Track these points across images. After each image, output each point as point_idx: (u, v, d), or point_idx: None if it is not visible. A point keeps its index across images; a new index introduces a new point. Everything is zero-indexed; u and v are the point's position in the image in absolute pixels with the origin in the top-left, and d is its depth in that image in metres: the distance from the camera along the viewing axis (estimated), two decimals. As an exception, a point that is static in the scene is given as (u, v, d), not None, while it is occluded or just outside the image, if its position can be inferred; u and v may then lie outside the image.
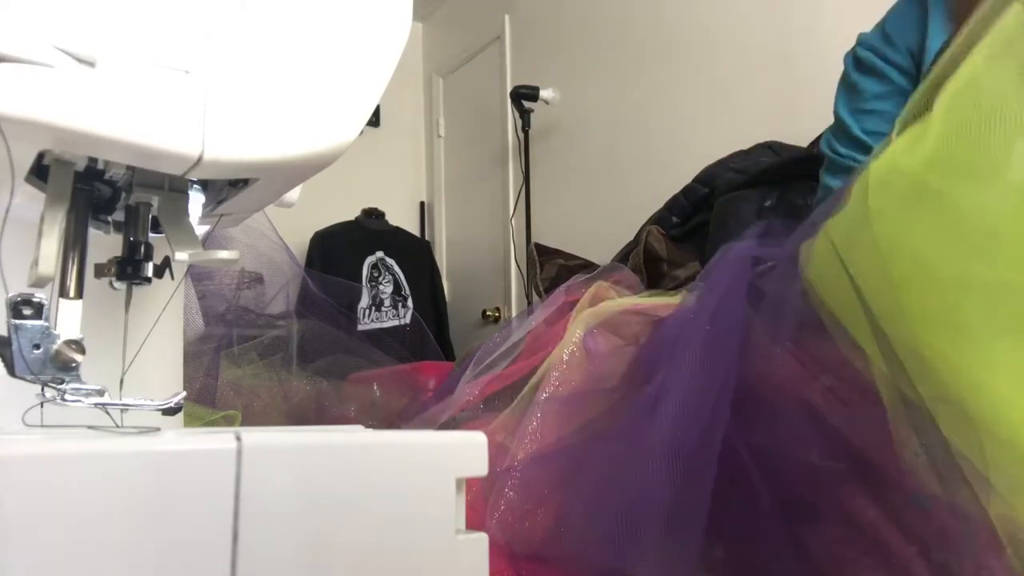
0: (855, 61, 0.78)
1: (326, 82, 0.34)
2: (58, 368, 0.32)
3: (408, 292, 2.90)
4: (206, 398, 0.76)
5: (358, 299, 2.78)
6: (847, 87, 0.79)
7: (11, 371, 0.31)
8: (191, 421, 0.60)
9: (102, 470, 0.24)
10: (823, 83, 0.99)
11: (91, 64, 0.29)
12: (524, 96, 2.60)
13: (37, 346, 0.31)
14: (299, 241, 2.81)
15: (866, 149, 0.74)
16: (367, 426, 0.41)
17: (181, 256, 0.34)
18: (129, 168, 0.34)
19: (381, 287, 2.89)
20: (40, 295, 0.32)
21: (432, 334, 2.79)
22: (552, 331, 0.62)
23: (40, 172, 0.34)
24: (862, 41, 0.78)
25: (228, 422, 0.70)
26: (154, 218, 0.36)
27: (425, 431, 0.34)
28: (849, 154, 0.76)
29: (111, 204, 0.37)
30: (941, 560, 0.35)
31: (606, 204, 2.41)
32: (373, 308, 2.83)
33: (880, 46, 0.75)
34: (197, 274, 0.85)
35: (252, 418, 0.76)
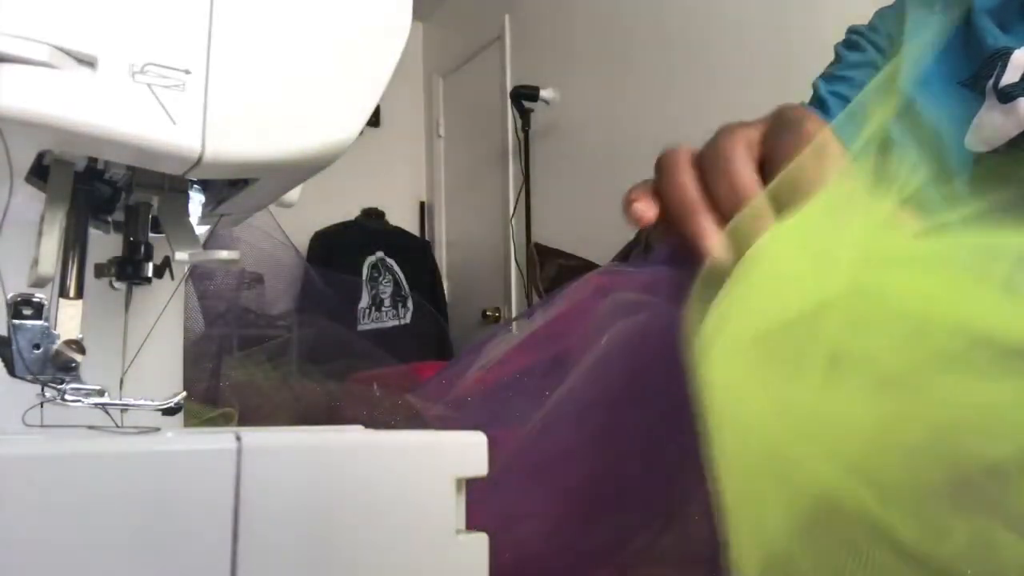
0: (844, 41, 0.83)
1: (326, 82, 0.34)
2: (58, 368, 0.32)
3: (408, 292, 2.90)
4: (209, 399, 0.76)
5: (358, 299, 2.78)
6: (831, 63, 0.83)
7: (11, 371, 0.31)
8: (188, 419, 0.60)
9: (102, 470, 0.24)
10: (823, 83, 0.99)
11: (91, 64, 0.29)
12: (524, 96, 2.60)
13: (37, 346, 0.31)
14: (299, 241, 2.81)
15: (824, 108, 0.78)
16: (367, 426, 0.41)
17: (181, 256, 0.34)
18: (129, 168, 0.34)
19: (381, 287, 2.89)
20: (40, 295, 0.32)
21: (433, 334, 2.79)
22: (579, 315, 0.59)
23: (40, 172, 0.34)
24: (852, 28, 0.83)
25: (225, 419, 0.70)
26: (154, 218, 0.36)
27: (425, 432, 0.34)
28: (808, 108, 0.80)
29: (111, 204, 0.37)
30: None
31: (606, 204, 2.41)
32: (373, 308, 2.84)
33: (865, 30, 0.81)
34: (198, 274, 0.85)
35: (260, 420, 0.76)
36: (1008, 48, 0.64)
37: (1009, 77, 0.63)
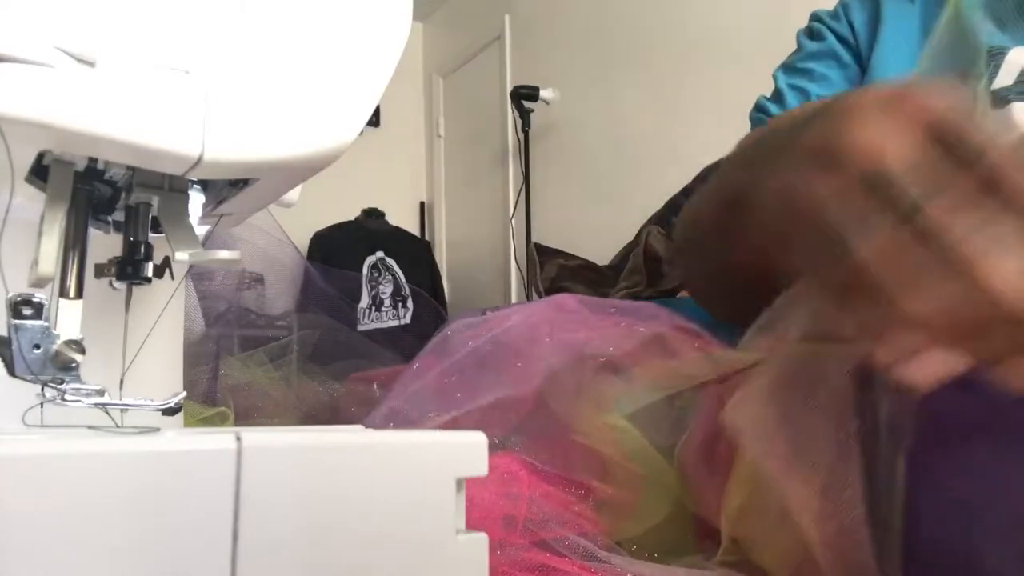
0: (806, 28, 0.80)
1: (326, 82, 0.34)
2: (58, 368, 0.32)
3: (408, 292, 2.90)
4: (209, 399, 0.76)
5: (358, 299, 2.78)
6: (792, 52, 0.80)
7: (11, 371, 0.31)
8: (185, 418, 0.60)
9: (102, 470, 0.24)
10: (823, 83, 0.99)
11: (91, 64, 0.29)
12: (524, 96, 2.61)
13: (37, 346, 0.31)
14: (299, 241, 2.82)
15: (782, 102, 0.75)
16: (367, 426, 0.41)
17: (181, 256, 0.34)
18: (129, 168, 0.34)
19: (381, 287, 2.89)
20: (40, 295, 0.32)
21: (433, 334, 2.79)
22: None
23: (40, 172, 0.34)
24: (815, 14, 0.80)
25: (221, 418, 0.70)
26: (154, 218, 0.36)
27: (425, 432, 0.34)
28: (764, 104, 0.77)
29: (111, 204, 0.37)
30: None
31: (606, 204, 2.41)
32: (373, 308, 2.84)
33: (827, 17, 0.77)
34: (198, 274, 0.85)
35: (258, 419, 0.76)
36: (1003, 47, 0.60)
37: (1003, 79, 0.59)
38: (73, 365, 0.32)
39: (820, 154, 0.32)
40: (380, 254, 2.97)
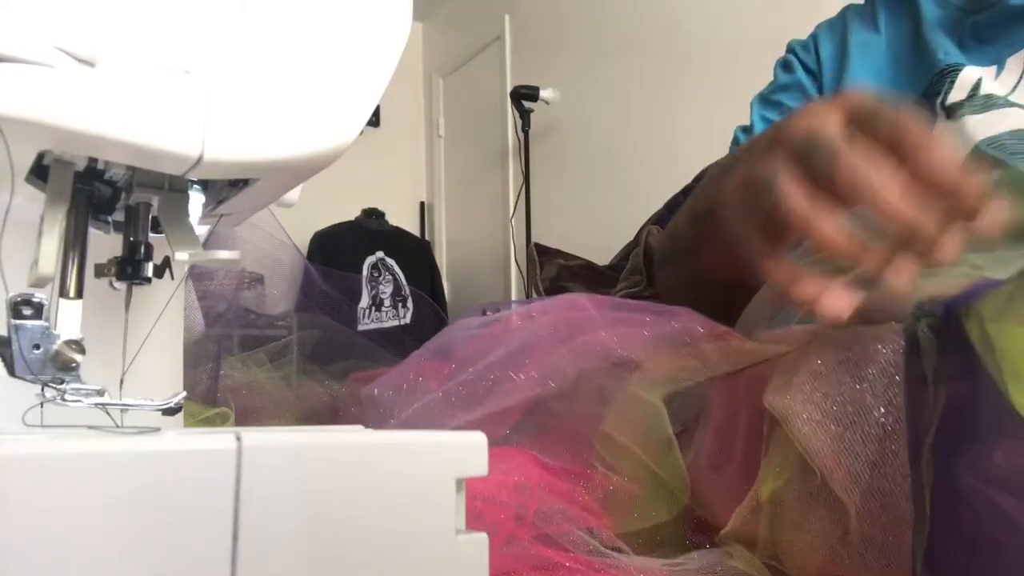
0: (781, 60, 0.81)
1: (326, 82, 0.34)
2: (58, 368, 0.32)
3: (408, 292, 2.90)
4: (211, 399, 0.76)
5: (358, 299, 2.78)
6: (770, 82, 0.81)
7: (11, 371, 0.31)
8: (185, 418, 0.60)
9: (102, 470, 0.24)
10: (823, 83, 0.99)
11: (91, 64, 0.29)
12: (524, 96, 2.61)
13: (37, 346, 0.31)
14: (299, 241, 2.82)
15: (751, 135, 0.76)
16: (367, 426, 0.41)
17: (181, 256, 0.34)
18: (129, 168, 0.34)
19: (381, 287, 2.90)
20: (40, 295, 0.32)
21: (433, 334, 2.79)
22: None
23: (40, 172, 0.34)
24: (790, 45, 0.81)
25: (221, 419, 0.70)
26: (154, 218, 0.36)
27: (425, 432, 0.34)
28: (739, 137, 0.78)
29: (111, 204, 0.37)
30: None
31: (606, 204, 2.41)
32: (373, 308, 2.84)
33: (799, 49, 0.79)
34: (198, 274, 0.85)
35: (259, 419, 0.75)
36: (958, 64, 0.62)
37: (956, 95, 0.61)
38: (73, 365, 0.32)
39: (768, 142, 0.41)
40: (380, 254, 2.97)
